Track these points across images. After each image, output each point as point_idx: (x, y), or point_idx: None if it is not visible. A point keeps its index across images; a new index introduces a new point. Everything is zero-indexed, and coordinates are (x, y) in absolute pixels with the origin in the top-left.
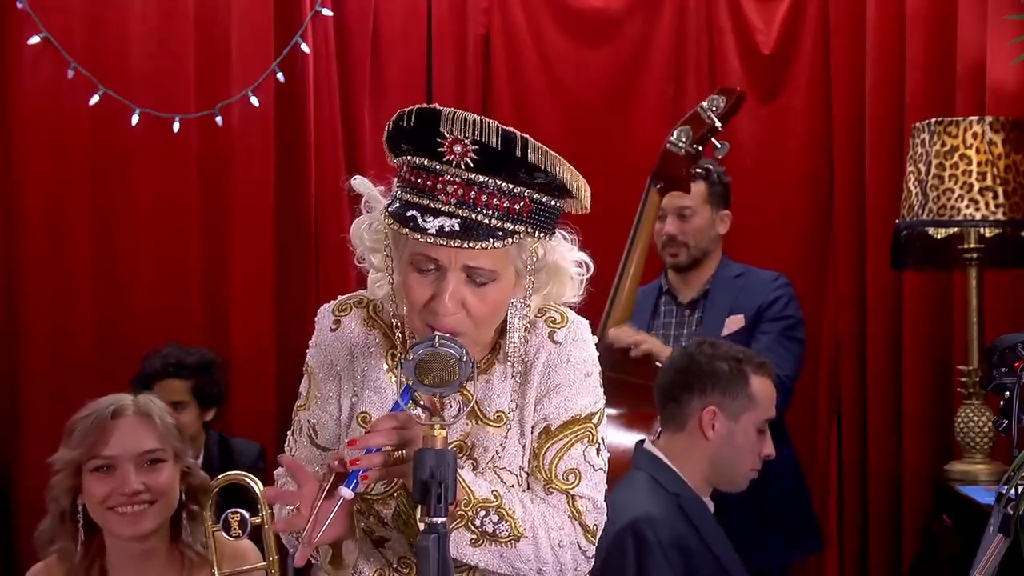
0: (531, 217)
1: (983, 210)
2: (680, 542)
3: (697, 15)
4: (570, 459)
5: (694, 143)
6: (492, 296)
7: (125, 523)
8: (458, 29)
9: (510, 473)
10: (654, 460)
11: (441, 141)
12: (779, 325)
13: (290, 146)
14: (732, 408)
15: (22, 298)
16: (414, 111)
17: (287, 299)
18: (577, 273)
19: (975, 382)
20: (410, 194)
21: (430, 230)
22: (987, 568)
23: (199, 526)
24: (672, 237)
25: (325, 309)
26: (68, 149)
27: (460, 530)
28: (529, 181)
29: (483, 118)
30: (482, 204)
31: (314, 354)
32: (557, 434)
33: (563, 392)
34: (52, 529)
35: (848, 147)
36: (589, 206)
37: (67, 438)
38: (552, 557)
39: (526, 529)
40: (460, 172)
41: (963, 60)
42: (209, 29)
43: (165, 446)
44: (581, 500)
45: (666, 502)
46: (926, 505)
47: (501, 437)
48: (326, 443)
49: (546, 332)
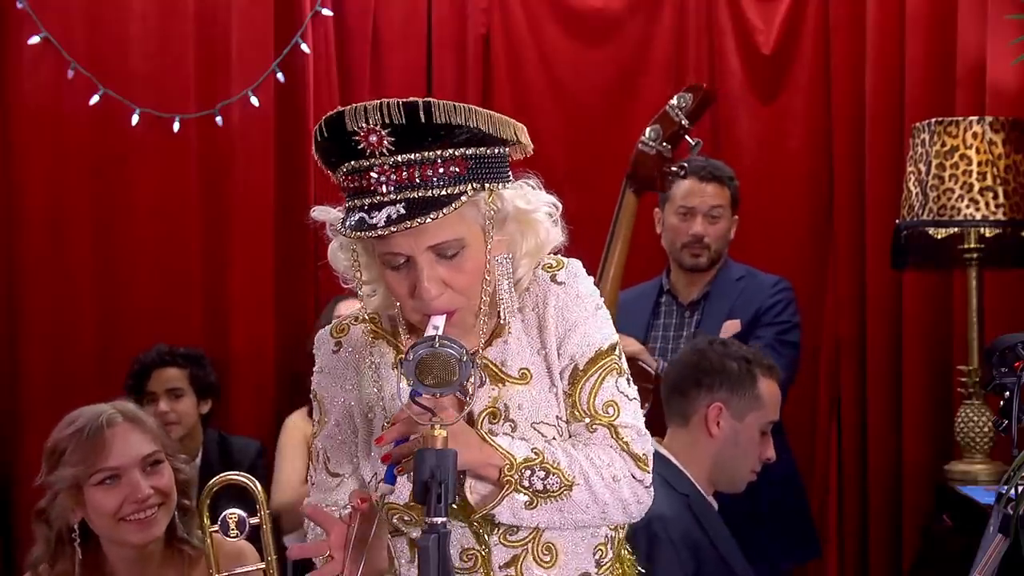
0: (471, 173)
1: (983, 210)
2: (691, 542)
3: (697, 15)
4: (605, 392)
5: (664, 141)
6: (468, 264)
7: (137, 530)
8: (458, 29)
9: (548, 426)
10: (663, 460)
11: (356, 139)
12: (774, 330)
13: (290, 146)
14: (739, 407)
15: (22, 298)
16: (322, 124)
17: (287, 299)
18: (547, 214)
19: (975, 382)
20: (355, 199)
21: (378, 224)
22: (987, 568)
23: (192, 520)
24: (699, 238)
25: (323, 334)
26: (68, 149)
27: (512, 495)
28: (452, 140)
29: (382, 100)
30: (417, 180)
31: (319, 380)
32: (587, 371)
33: (581, 328)
34: (48, 552)
35: (848, 147)
36: (529, 142)
37: (57, 458)
38: (610, 495)
39: (576, 476)
40: (386, 159)
41: (963, 60)
42: (209, 29)
43: (160, 446)
44: (625, 430)
45: (677, 502)
46: (926, 505)
47: (531, 392)
48: (336, 468)
49: (547, 277)
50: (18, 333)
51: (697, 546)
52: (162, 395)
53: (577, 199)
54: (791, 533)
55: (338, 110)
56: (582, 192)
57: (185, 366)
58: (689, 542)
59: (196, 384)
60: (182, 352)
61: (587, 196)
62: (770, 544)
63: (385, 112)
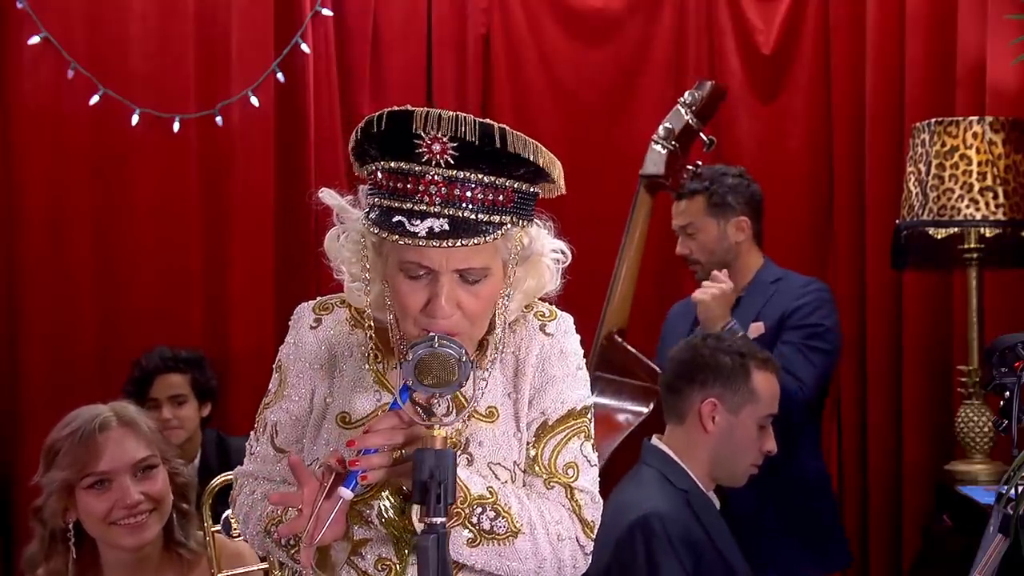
0: (514, 207)
1: (983, 210)
2: (690, 538)
3: (697, 15)
4: (568, 453)
5: (675, 140)
6: (485, 292)
7: (128, 535)
8: (458, 29)
9: (504, 469)
10: (662, 456)
11: (418, 142)
12: (801, 333)
13: (290, 146)
14: (733, 402)
15: (22, 298)
16: (384, 115)
17: (287, 299)
18: (553, 261)
19: (975, 382)
20: (391, 199)
21: (420, 233)
22: (987, 568)
23: (190, 523)
24: (684, 257)
25: (305, 307)
26: (68, 149)
27: (457, 529)
28: (510, 171)
29: (458, 113)
30: (467, 200)
31: (289, 352)
32: (555, 428)
33: (558, 385)
34: (42, 550)
35: (848, 147)
36: (563, 185)
37: (51, 458)
38: (551, 552)
39: (523, 525)
40: (441, 171)
41: (963, 60)
42: (209, 29)
43: (155, 451)
44: (580, 493)
45: (675, 498)
46: (926, 505)
47: (494, 431)
48: (284, 444)
49: (536, 325)
50: (18, 333)
51: (696, 543)
52: (165, 402)
53: (577, 199)
54: (822, 541)
55: (406, 107)
56: (582, 192)
57: (187, 371)
58: (687, 538)
59: (198, 389)
60: (184, 356)
61: (587, 196)
62: (797, 551)
63: (458, 125)
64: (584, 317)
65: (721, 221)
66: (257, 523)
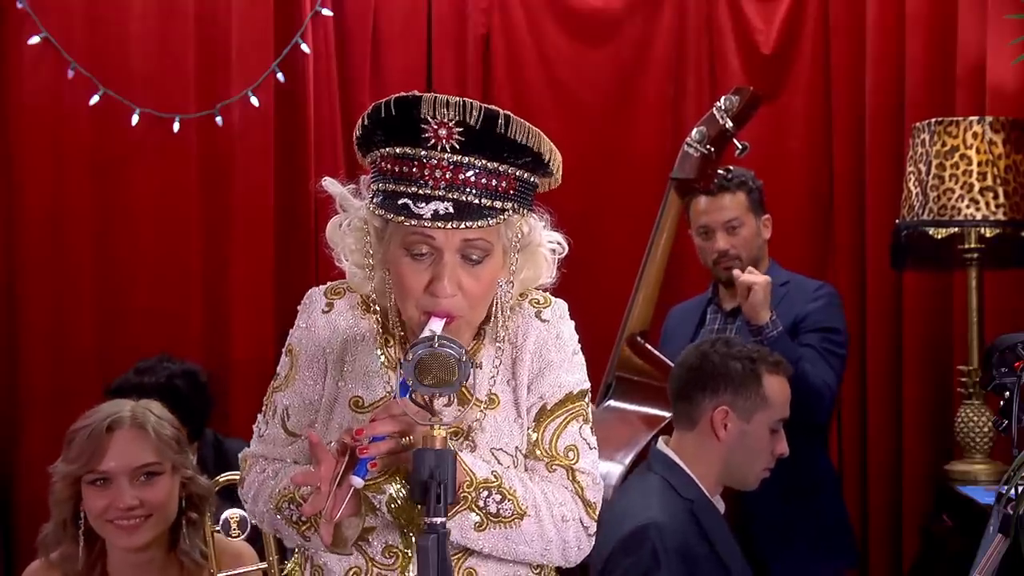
0: (515, 194)
1: (983, 210)
2: (685, 549)
3: (697, 15)
4: (568, 436)
5: (708, 144)
6: (486, 275)
7: (121, 535)
8: (458, 29)
9: (506, 454)
10: (669, 464)
11: (424, 127)
12: (818, 336)
13: (290, 146)
14: (744, 408)
15: (22, 298)
16: (392, 100)
17: (287, 299)
18: (550, 252)
19: (975, 382)
20: (396, 183)
21: (425, 215)
22: (987, 568)
23: (198, 533)
24: (724, 252)
25: (316, 291)
26: (68, 149)
27: (464, 513)
28: (514, 159)
29: (464, 99)
30: (471, 185)
31: (300, 336)
32: (553, 412)
33: (556, 369)
34: (55, 534)
35: (848, 147)
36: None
37: (66, 449)
38: (556, 534)
39: (528, 507)
40: (446, 155)
41: (963, 60)
42: (209, 29)
43: (161, 459)
44: (582, 475)
45: (678, 508)
46: (926, 505)
47: (495, 418)
48: (295, 428)
49: (532, 312)
50: (18, 333)
51: (693, 553)
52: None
53: (577, 199)
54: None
55: (413, 93)
56: (582, 192)
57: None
58: (682, 549)
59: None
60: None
61: (587, 196)
62: (802, 548)
63: (464, 110)
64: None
65: (757, 218)
66: (268, 501)
